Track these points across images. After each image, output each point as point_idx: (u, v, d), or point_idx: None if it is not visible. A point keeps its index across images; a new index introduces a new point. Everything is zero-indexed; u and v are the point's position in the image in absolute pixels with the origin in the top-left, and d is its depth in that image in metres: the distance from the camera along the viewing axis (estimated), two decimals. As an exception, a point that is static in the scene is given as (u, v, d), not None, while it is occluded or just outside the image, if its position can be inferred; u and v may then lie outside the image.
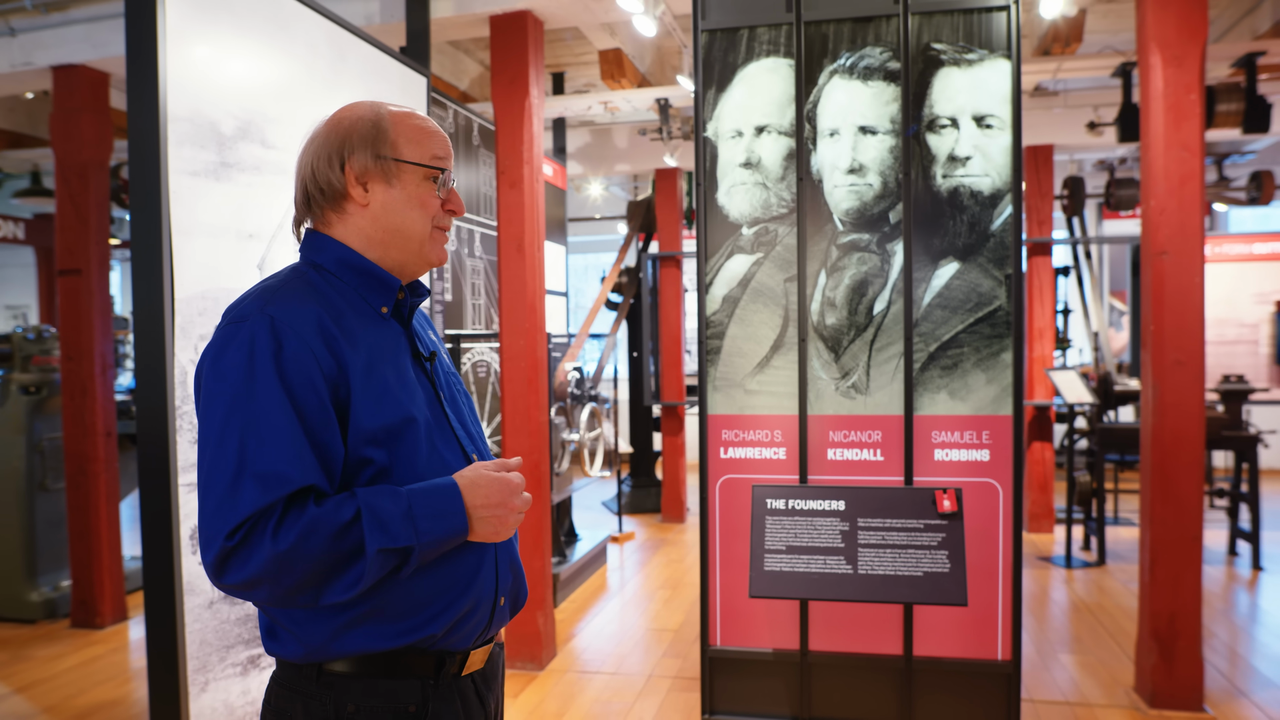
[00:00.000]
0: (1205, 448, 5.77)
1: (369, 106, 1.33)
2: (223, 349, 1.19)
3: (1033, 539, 6.61)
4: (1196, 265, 3.58)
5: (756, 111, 3.06)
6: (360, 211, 1.30)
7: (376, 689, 1.23)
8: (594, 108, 6.15)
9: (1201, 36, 3.55)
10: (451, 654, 1.29)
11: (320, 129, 1.33)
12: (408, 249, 1.32)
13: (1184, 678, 3.61)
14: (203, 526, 1.14)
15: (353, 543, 1.13)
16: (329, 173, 1.29)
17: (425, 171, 1.31)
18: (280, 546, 1.11)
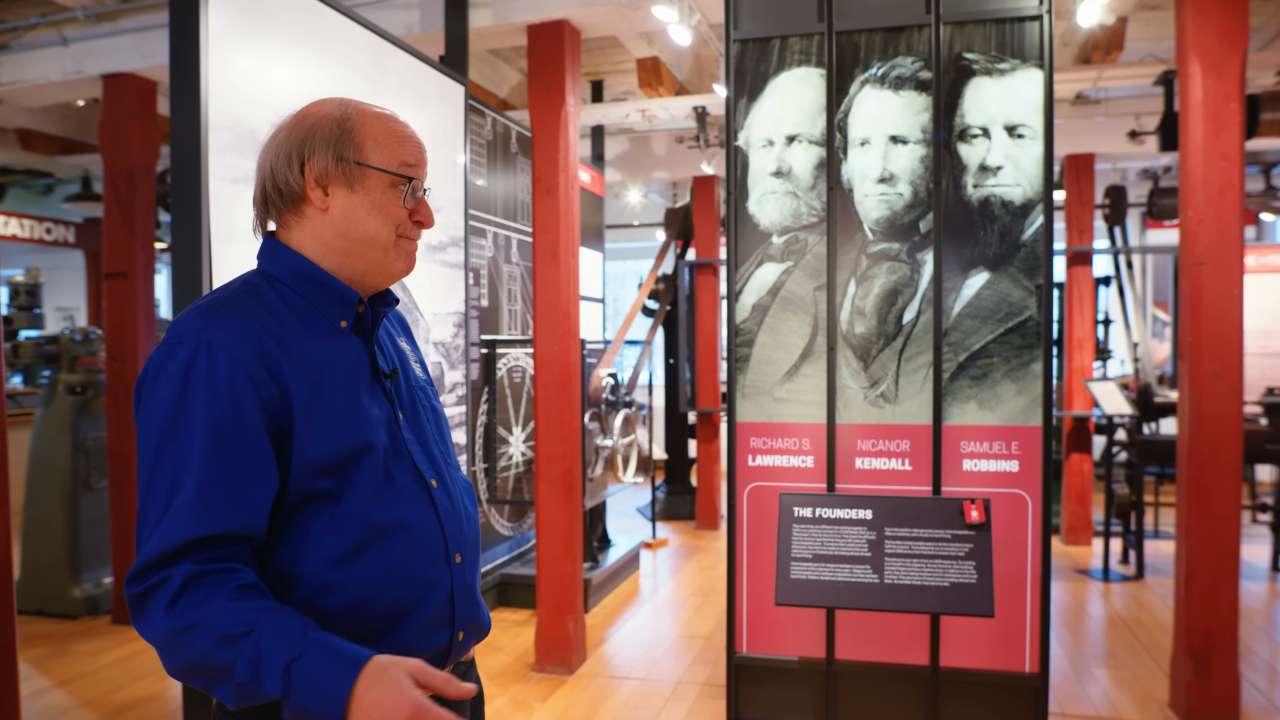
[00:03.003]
0: (1247, 461, 5.66)
1: (337, 104, 1.25)
2: (159, 371, 1.11)
3: (1070, 551, 6.52)
4: (1235, 276, 3.53)
5: (787, 121, 3.08)
6: (319, 216, 1.22)
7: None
8: (632, 115, 6.20)
9: (1242, 45, 3.50)
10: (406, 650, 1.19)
11: (284, 125, 1.24)
12: (369, 258, 1.23)
13: (1219, 694, 3.55)
14: (142, 537, 1.08)
15: (226, 660, 1.01)
16: (287, 172, 1.20)
17: (391, 178, 1.23)
18: (171, 624, 1.03)
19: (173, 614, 1.03)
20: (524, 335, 5.59)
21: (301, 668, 1.01)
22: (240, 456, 1.09)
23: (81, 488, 5.17)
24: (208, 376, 1.09)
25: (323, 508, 1.16)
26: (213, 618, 1.02)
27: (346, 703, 1.00)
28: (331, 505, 1.16)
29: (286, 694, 1.01)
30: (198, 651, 1.02)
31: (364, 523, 1.17)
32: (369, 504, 1.18)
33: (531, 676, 4.13)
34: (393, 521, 1.19)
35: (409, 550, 1.20)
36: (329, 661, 1.02)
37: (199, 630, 1.02)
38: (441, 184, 3.70)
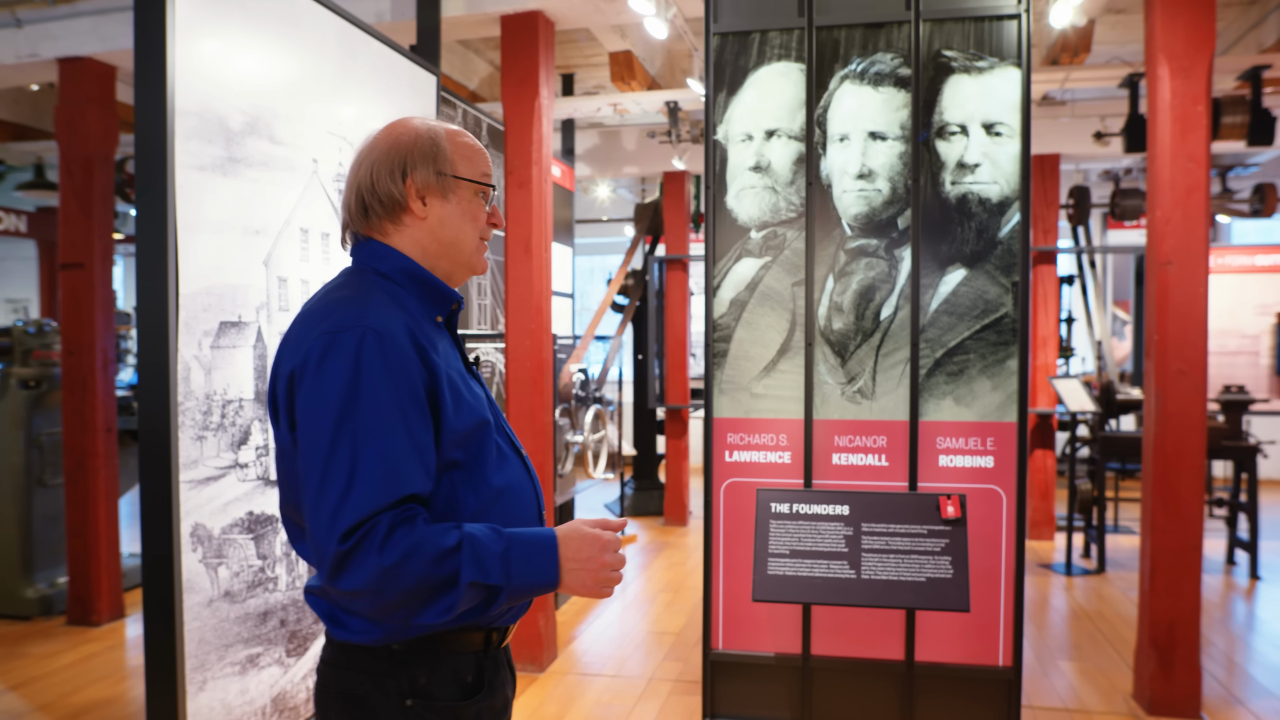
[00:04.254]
0: (1206, 457, 5.78)
1: (425, 124, 1.39)
2: (324, 358, 1.22)
3: (1033, 546, 6.61)
4: (1201, 276, 3.59)
5: (767, 115, 3.07)
6: (417, 223, 1.37)
7: (441, 663, 1.31)
8: (603, 110, 6.16)
9: (1209, 48, 3.56)
10: (498, 630, 1.38)
11: (379, 143, 1.37)
12: (457, 260, 1.40)
13: (1182, 686, 3.62)
14: (318, 533, 1.19)
15: (449, 570, 1.19)
16: (390, 185, 1.34)
17: (476, 187, 1.39)
18: (386, 561, 1.16)
19: (386, 552, 1.16)
20: (493, 330, 5.54)
21: (514, 553, 1.23)
22: (417, 428, 1.24)
23: (35, 485, 5.02)
24: (381, 359, 1.22)
25: (459, 474, 1.32)
26: (424, 543, 1.18)
27: (558, 564, 1.25)
28: (465, 472, 1.32)
29: (509, 579, 1.22)
30: (417, 574, 1.17)
31: (489, 486, 1.34)
32: (492, 471, 1.35)
33: (501, 674, 4.10)
34: (506, 485, 1.37)
35: (519, 508, 1.39)
36: (530, 543, 1.25)
37: (415, 557, 1.16)
38: (413, 175, 3.65)
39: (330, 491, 1.18)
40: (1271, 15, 5.38)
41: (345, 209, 1.40)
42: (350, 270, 1.38)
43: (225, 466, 2.56)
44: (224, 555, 2.54)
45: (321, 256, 2.98)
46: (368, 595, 1.18)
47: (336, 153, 3.07)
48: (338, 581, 1.18)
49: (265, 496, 2.70)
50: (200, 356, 2.46)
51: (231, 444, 2.57)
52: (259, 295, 2.68)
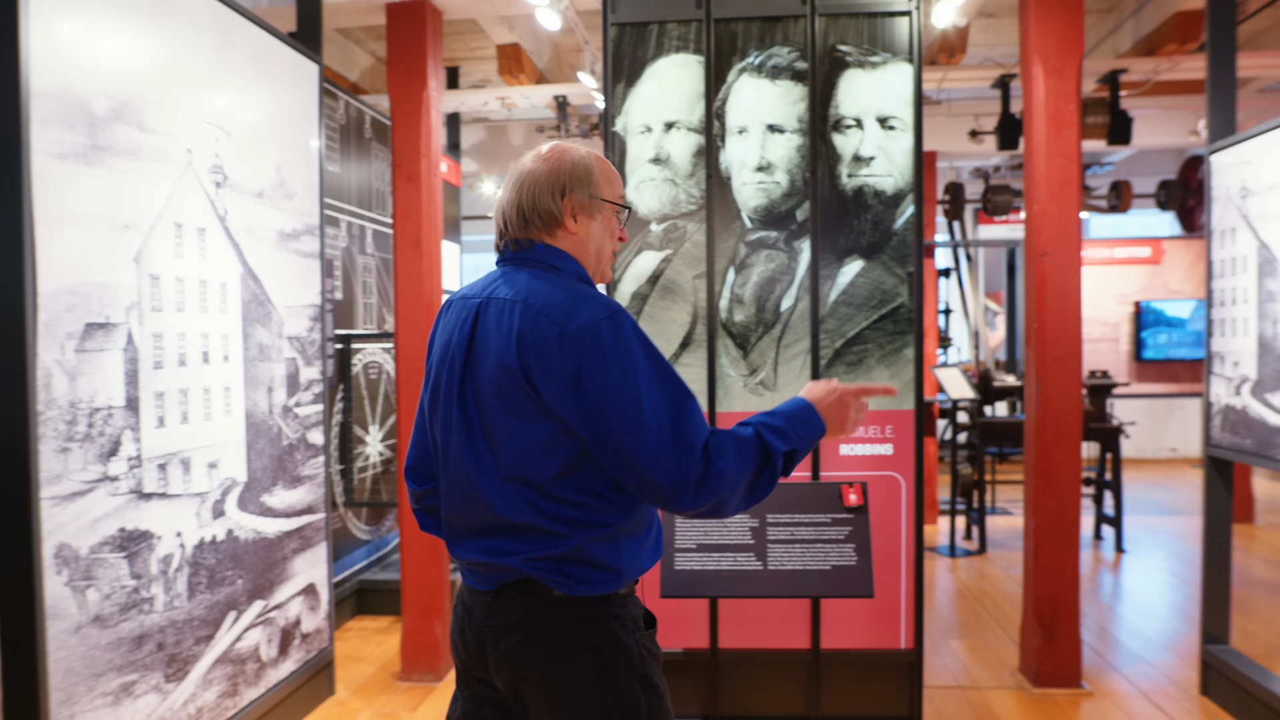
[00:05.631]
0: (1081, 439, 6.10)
1: (580, 151, 1.60)
2: (616, 331, 1.44)
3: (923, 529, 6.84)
4: (1074, 266, 3.77)
5: (666, 107, 3.05)
6: (568, 236, 1.58)
7: (635, 600, 1.58)
8: (491, 103, 6.04)
9: (1078, 50, 3.74)
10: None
11: (540, 166, 1.58)
12: (598, 268, 1.63)
13: (1064, 657, 3.79)
14: (663, 467, 1.40)
15: (762, 452, 1.47)
16: (550, 204, 1.56)
17: (615, 207, 1.63)
18: (729, 465, 1.42)
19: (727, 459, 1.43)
20: (380, 330, 5.35)
21: (791, 424, 1.52)
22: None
23: None
24: (639, 329, 1.49)
25: None
26: (739, 443, 1.46)
27: (821, 422, 1.56)
28: None
29: (799, 439, 1.51)
30: (751, 464, 1.46)
31: None
32: None
33: (398, 686, 3.95)
34: None
35: None
36: (796, 413, 1.54)
37: (742, 453, 1.45)
38: (294, 167, 3.46)
39: (665, 432, 1.41)
40: (1127, 23, 5.72)
41: (504, 220, 1.60)
42: (535, 263, 1.57)
43: (93, 480, 2.36)
44: (93, 577, 2.35)
45: (198, 253, 2.79)
46: (723, 496, 1.43)
47: (213, 143, 2.88)
48: (698, 500, 1.42)
49: (139, 511, 2.51)
50: (63, 361, 2.26)
51: (100, 455, 2.38)
52: (129, 294, 2.49)
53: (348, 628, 4.75)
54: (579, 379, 1.41)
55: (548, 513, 1.46)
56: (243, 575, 3.00)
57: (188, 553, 2.71)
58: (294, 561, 3.37)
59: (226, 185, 2.95)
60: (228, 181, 2.96)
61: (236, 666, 2.98)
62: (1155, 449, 10.23)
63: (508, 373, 1.45)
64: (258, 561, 3.10)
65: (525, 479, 1.46)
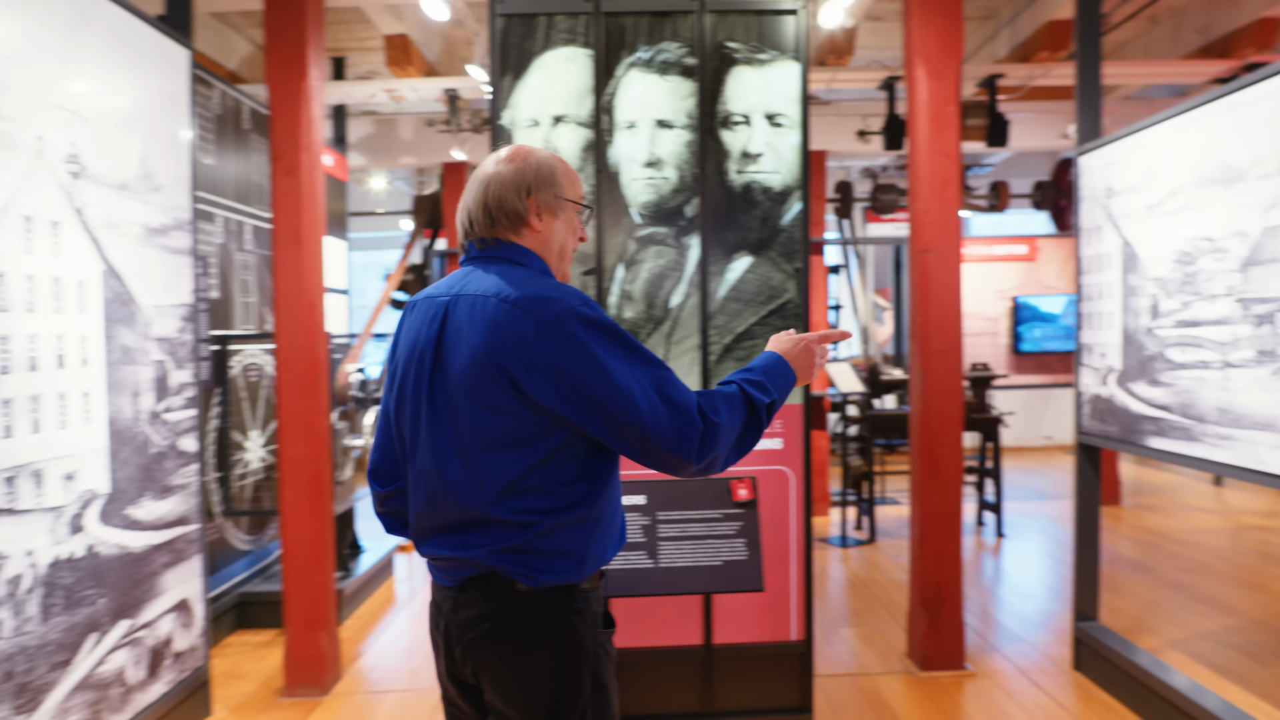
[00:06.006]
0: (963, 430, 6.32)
1: (542, 153, 1.66)
2: (589, 317, 1.49)
3: (812, 522, 6.98)
4: (955, 262, 3.89)
5: (554, 101, 3.00)
6: (533, 235, 1.62)
7: (597, 598, 1.61)
8: (378, 95, 5.87)
9: (958, 54, 3.86)
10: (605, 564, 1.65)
11: (506, 168, 1.62)
12: (560, 265, 1.68)
13: (948, 640, 3.92)
14: (668, 432, 1.47)
15: (748, 405, 1.56)
16: (517, 203, 1.60)
17: (577, 206, 1.68)
18: (724, 419, 1.51)
19: (720, 415, 1.52)
20: (260, 330, 5.13)
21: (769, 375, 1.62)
22: None
23: None
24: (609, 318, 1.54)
25: None
26: (725, 398, 1.55)
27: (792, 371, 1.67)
28: None
29: (777, 391, 1.62)
30: (740, 418, 1.54)
31: None
32: None
33: (280, 703, 3.79)
34: None
35: None
36: (770, 366, 1.65)
37: (730, 409, 1.54)
38: (162, 158, 3.27)
39: (656, 402, 1.48)
40: (1004, 30, 5.96)
41: (469, 219, 1.64)
42: (503, 260, 1.61)
43: (-66, 493, 2.17)
44: (-64, 598, 2.16)
45: (51, 249, 2.60)
46: (720, 449, 1.51)
47: (68, 130, 2.69)
48: (702, 455, 1.49)
49: (-12, 525, 2.32)
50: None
51: (-59, 467, 2.19)
52: (-28, 292, 2.30)
53: (227, 644, 4.54)
54: (561, 369, 1.46)
55: (517, 505, 1.50)
56: (105, 594, 2.82)
57: (40, 572, 2.52)
58: (164, 577, 3.19)
59: (85, 176, 2.76)
60: (85, 172, 2.77)
61: (99, 692, 2.79)
62: (1033, 437, 10.72)
63: (482, 367, 1.48)
64: (123, 579, 2.92)
65: (498, 473, 1.49)
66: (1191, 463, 3.06)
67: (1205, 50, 5.74)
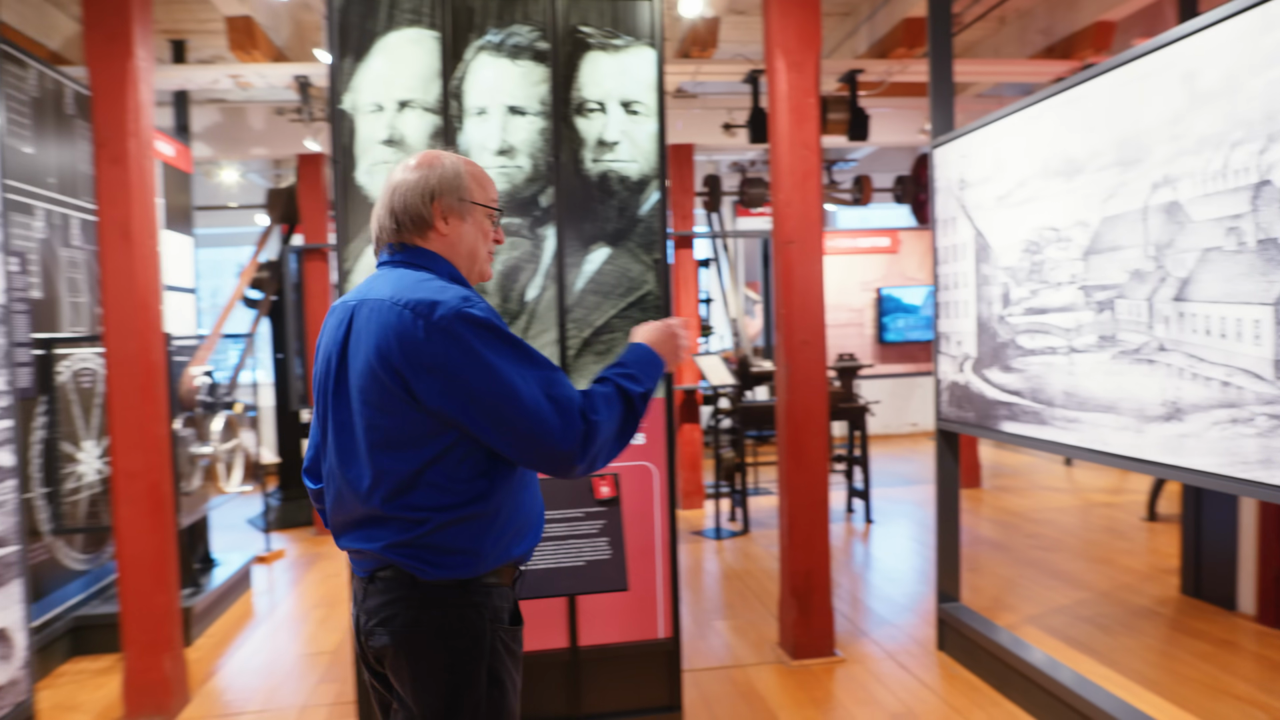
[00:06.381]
0: (829, 419, 6.43)
1: (449, 158, 1.68)
2: (476, 319, 1.50)
3: (686, 515, 7.00)
4: (817, 253, 3.92)
5: (399, 85, 2.84)
6: (439, 238, 1.65)
7: (503, 593, 1.62)
8: (222, 81, 5.51)
9: (817, 46, 3.88)
10: (523, 560, 1.68)
11: (410, 174, 1.65)
12: (471, 267, 1.69)
13: (818, 628, 3.95)
14: (554, 433, 1.49)
15: (624, 399, 1.59)
16: (421, 207, 1.63)
17: (487, 210, 1.70)
18: (601, 417, 1.54)
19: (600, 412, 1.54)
20: (93, 333, 4.75)
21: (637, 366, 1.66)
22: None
23: None
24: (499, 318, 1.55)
25: None
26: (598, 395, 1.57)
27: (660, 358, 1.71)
28: None
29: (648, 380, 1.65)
30: (618, 413, 1.57)
31: None
32: None
33: (121, 732, 3.50)
34: None
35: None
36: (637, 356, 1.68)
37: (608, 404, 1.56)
38: (-40, 142, 2.95)
39: (543, 402, 1.50)
40: (863, 26, 6.08)
41: (378, 226, 1.67)
42: (406, 264, 1.63)
43: None
44: None
45: None
46: (605, 444, 1.55)
47: None
48: (587, 449, 1.52)
49: None
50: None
51: None
52: None
53: (61, 673, 4.17)
54: (448, 369, 1.49)
55: (409, 502, 1.53)
56: (-105, 628, 2.51)
57: None
58: (-29, 605, 2.88)
59: None
60: None
61: (-111, 738, 2.49)
62: (899, 425, 11.09)
63: (376, 370, 1.51)
64: (-83, 609, 2.61)
65: (391, 472, 1.53)
66: (1042, 445, 3.16)
67: (1049, 51, 6.01)
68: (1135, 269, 2.61)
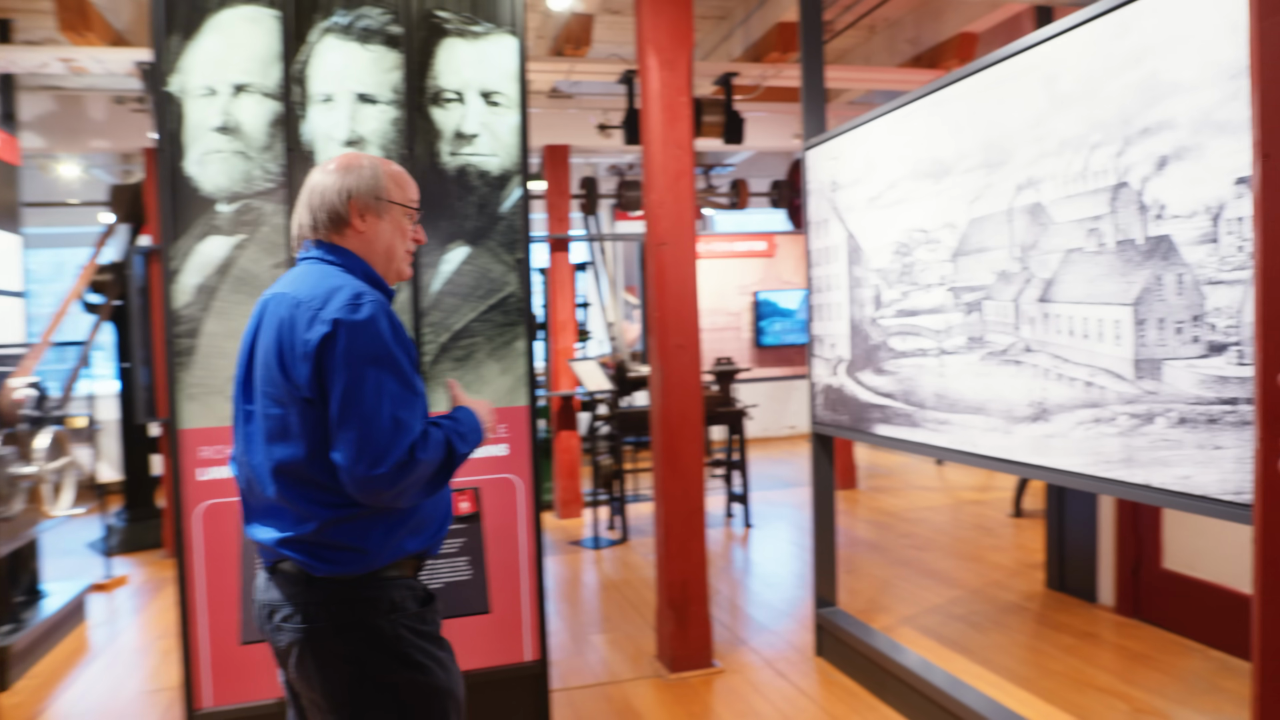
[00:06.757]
0: (704, 423, 6.39)
1: (367, 158, 1.71)
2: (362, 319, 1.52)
3: (564, 525, 6.84)
4: (691, 255, 3.83)
5: (234, 67, 2.59)
6: (356, 236, 1.68)
7: (402, 583, 1.64)
8: (52, 65, 5.05)
9: (689, 44, 3.80)
10: (428, 554, 1.72)
11: (330, 170, 1.68)
12: (388, 267, 1.73)
13: (696, 639, 3.86)
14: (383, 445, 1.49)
15: (449, 451, 1.59)
16: (337, 204, 1.66)
17: (405, 209, 1.73)
18: (426, 456, 1.54)
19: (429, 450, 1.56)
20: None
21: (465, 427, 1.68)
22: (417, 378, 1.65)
23: None
24: (390, 325, 1.58)
25: None
26: (434, 439, 1.59)
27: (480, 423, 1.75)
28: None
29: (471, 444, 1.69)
30: (436, 460, 1.57)
31: None
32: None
33: (-80, 791, 3.10)
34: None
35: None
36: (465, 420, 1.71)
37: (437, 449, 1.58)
38: None
39: (387, 416, 1.49)
40: (738, 30, 6.07)
41: (297, 224, 1.70)
42: (319, 260, 1.66)
43: None
44: None
45: None
46: (415, 485, 1.54)
47: None
48: (400, 478, 1.50)
49: None
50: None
51: None
52: None
53: None
54: (321, 361, 1.51)
55: (301, 495, 1.56)
56: None
57: None
58: None
59: None
60: None
61: None
62: (778, 428, 11.22)
63: (270, 360, 1.56)
64: None
65: (283, 462, 1.56)
66: (915, 448, 3.15)
67: (917, 60, 6.14)
68: (1002, 270, 2.61)
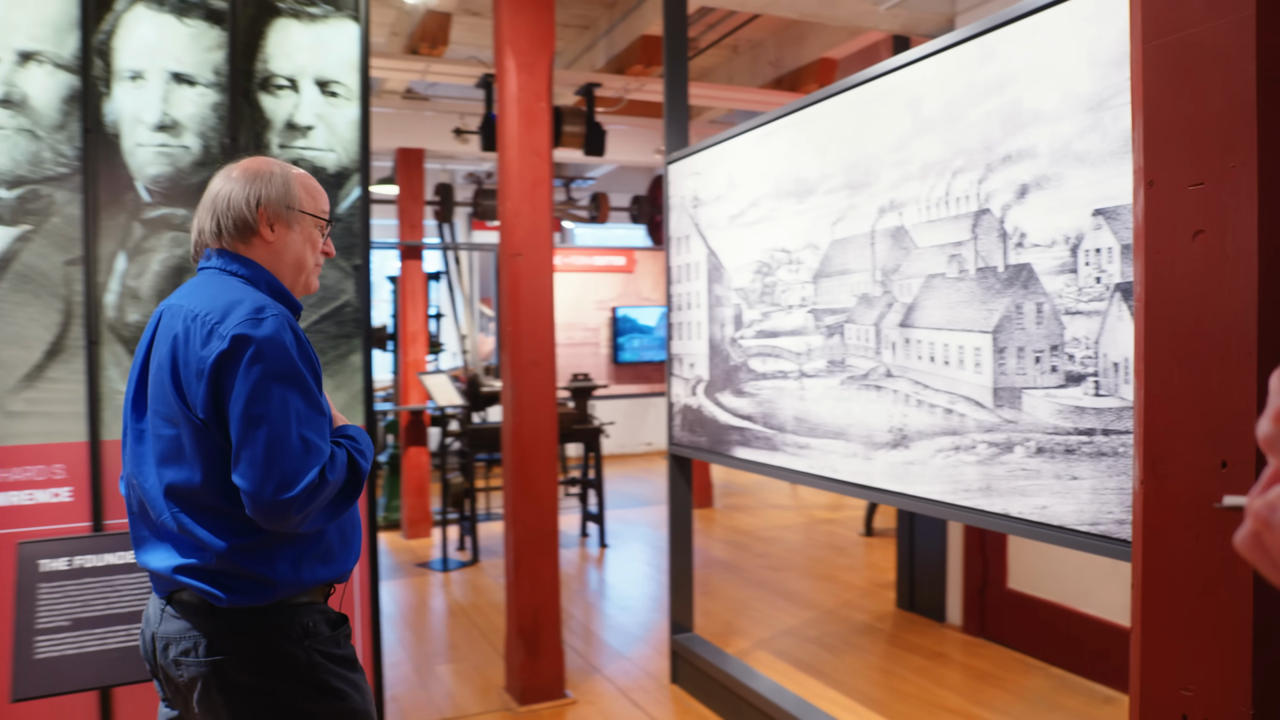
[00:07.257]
0: (559, 440, 6.22)
1: (278, 165, 1.65)
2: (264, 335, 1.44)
3: (412, 545, 6.51)
4: (547, 268, 3.67)
5: (19, 31, 2.24)
6: (265, 245, 1.60)
7: (313, 609, 1.57)
8: None
9: (549, 48, 3.65)
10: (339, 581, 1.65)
11: (237, 176, 1.60)
12: (296, 278, 1.66)
13: (547, 669, 3.68)
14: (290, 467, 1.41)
15: (353, 472, 1.55)
16: (245, 211, 1.58)
17: (316, 220, 1.67)
18: (335, 477, 1.48)
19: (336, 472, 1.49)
20: None
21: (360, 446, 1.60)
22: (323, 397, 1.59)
23: None
24: (296, 341, 1.50)
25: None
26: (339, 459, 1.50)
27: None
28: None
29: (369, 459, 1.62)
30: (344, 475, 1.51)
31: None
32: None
33: None
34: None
35: None
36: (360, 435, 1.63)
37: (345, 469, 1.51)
38: None
39: (295, 435, 1.43)
40: (601, 41, 5.96)
41: (199, 230, 1.61)
42: (219, 272, 1.57)
43: None
44: None
45: None
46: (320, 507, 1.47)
47: None
48: (311, 500, 1.43)
49: None
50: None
51: None
52: None
53: None
54: (218, 379, 1.43)
55: (198, 521, 1.47)
56: None
57: None
58: None
59: None
60: None
61: None
62: (634, 444, 11.16)
63: (163, 377, 1.48)
64: None
65: (176, 486, 1.48)
66: (774, 472, 3.08)
67: (778, 82, 6.20)
68: (864, 293, 2.57)
